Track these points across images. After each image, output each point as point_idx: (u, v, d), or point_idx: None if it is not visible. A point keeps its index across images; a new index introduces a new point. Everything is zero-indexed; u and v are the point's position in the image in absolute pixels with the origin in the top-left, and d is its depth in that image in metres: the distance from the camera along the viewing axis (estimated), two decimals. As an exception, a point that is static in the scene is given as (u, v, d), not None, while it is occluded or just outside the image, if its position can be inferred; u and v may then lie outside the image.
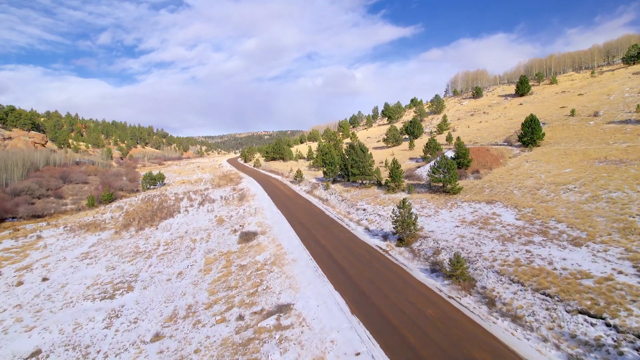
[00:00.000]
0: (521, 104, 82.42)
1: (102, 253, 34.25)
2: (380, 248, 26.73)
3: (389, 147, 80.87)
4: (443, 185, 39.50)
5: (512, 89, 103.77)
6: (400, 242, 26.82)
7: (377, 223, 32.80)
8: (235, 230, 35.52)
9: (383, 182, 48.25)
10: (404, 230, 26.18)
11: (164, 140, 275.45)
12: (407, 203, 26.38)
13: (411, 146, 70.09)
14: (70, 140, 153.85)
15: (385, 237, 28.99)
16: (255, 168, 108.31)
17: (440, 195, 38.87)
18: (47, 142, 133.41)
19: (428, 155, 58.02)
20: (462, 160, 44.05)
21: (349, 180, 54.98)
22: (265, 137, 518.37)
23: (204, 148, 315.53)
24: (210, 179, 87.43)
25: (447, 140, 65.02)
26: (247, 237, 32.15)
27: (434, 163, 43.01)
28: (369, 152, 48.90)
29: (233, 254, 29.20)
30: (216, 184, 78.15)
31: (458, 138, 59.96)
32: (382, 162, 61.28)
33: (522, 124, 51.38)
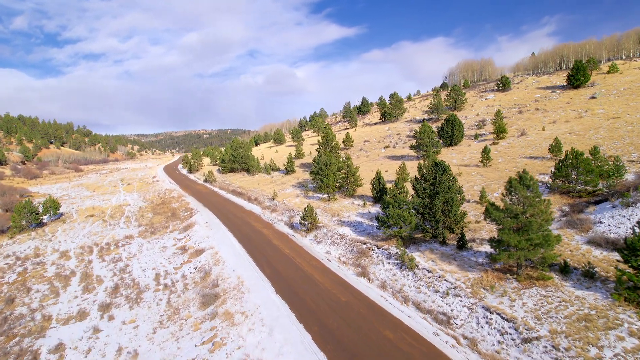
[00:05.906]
0: (594, 97, 59.61)
1: None
2: None
3: (422, 157, 53.21)
4: None
5: (549, 79, 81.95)
6: None
7: None
8: None
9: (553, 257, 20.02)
10: None
11: (86, 139, 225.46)
12: None
13: (485, 160, 42.31)
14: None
15: None
16: (207, 185, 74.85)
17: None
18: None
19: (560, 180, 31.11)
20: None
21: (442, 241, 25.73)
22: (205, 136, 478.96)
23: (136, 148, 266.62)
24: (139, 210, 53.05)
25: (550, 151, 38.94)
26: None
27: None
28: (535, 182, 20.13)
29: None
30: (148, 223, 44.67)
31: (599, 148, 33.76)
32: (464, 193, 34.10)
33: None
